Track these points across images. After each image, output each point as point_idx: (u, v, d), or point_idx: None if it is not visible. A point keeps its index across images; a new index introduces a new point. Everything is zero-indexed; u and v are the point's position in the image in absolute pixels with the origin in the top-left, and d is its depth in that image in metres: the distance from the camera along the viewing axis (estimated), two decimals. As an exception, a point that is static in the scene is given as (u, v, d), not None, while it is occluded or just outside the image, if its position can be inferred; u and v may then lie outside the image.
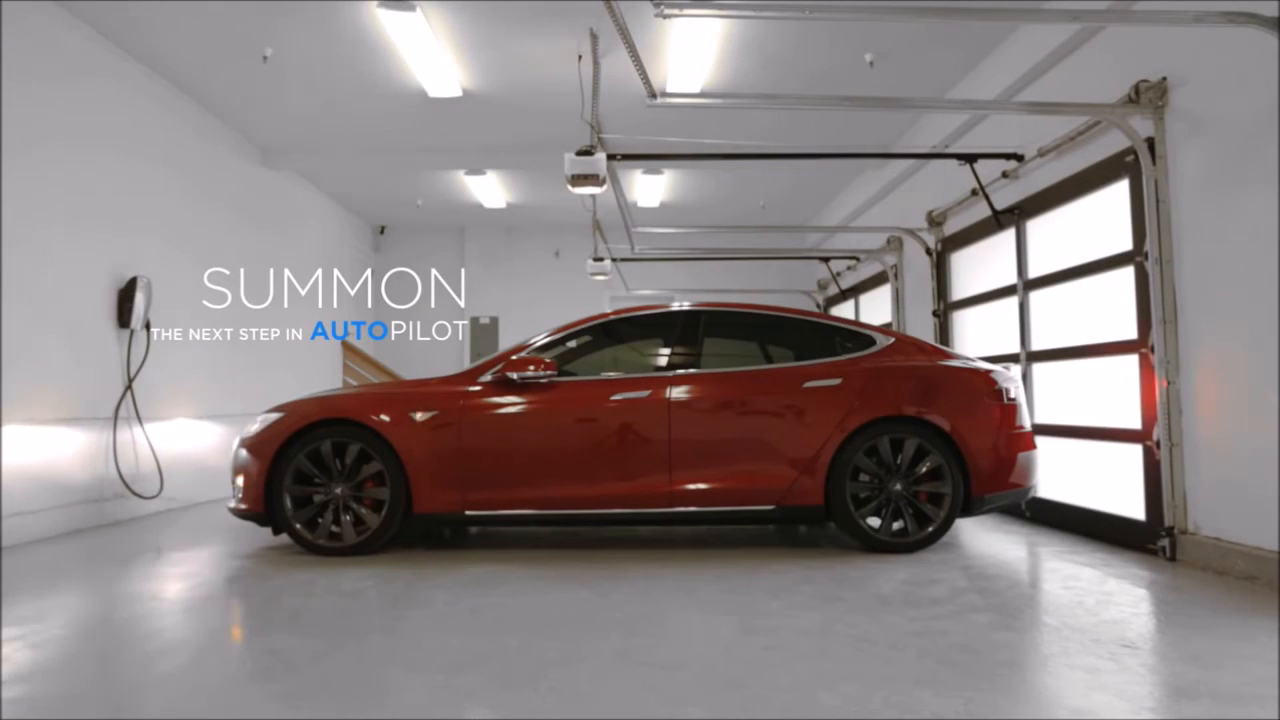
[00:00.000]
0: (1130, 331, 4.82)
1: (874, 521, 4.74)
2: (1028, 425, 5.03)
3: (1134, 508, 4.78)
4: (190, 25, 6.08)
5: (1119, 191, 4.98)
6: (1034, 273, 6.09)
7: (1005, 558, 4.70)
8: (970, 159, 6.19)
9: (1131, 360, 4.82)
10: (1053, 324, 5.93)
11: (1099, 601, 3.60)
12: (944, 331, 7.70)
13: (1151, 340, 4.54)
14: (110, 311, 6.30)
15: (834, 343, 5.11)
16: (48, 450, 5.58)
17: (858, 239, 9.98)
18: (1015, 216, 6.18)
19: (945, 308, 7.68)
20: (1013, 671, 2.70)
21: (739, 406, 4.85)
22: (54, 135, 5.75)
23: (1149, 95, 4.49)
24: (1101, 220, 5.21)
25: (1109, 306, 5.12)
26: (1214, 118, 4.17)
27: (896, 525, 4.72)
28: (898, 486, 4.70)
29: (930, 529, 4.69)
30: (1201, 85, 4.26)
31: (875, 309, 10.22)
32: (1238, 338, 4.03)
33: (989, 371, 5.01)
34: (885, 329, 5.35)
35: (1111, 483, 5.07)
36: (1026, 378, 6.16)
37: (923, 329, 8.14)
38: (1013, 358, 6.39)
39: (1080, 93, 5.12)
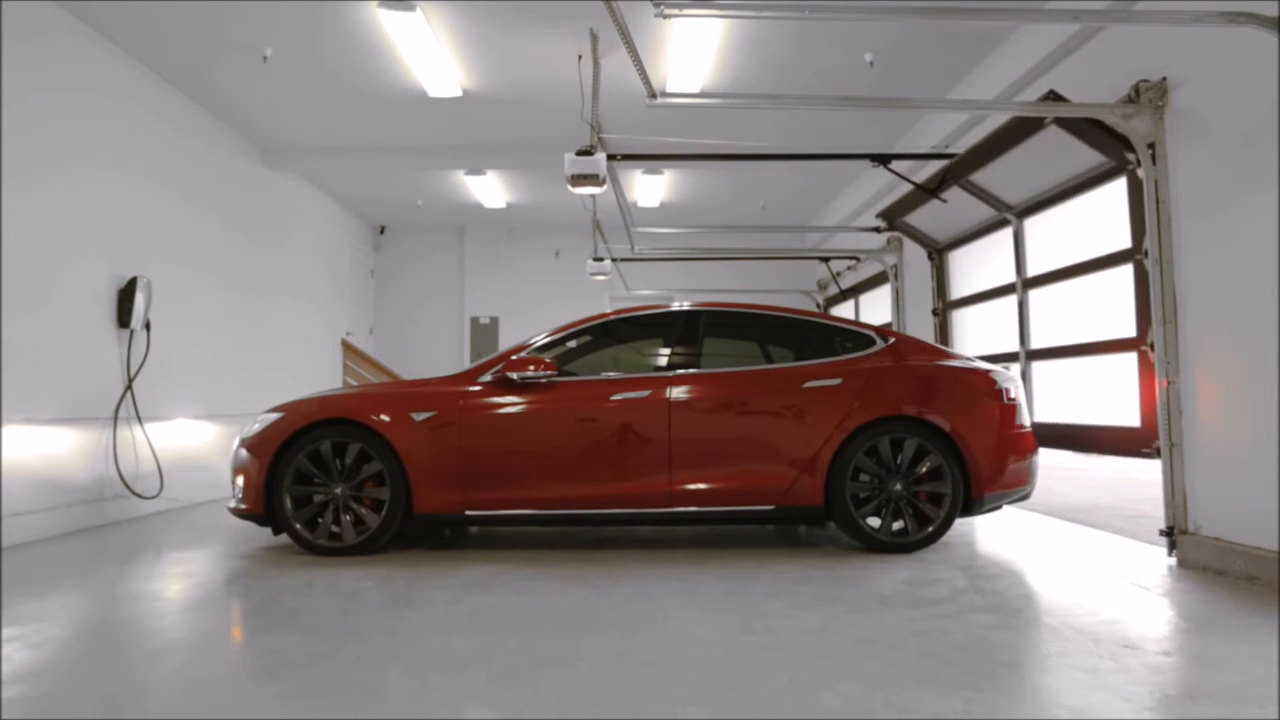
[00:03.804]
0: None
1: (874, 521, 4.75)
2: (1028, 425, 5.04)
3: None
4: (190, 25, 6.08)
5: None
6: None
7: (1005, 557, 4.70)
8: (884, 161, 6.37)
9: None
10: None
11: (1099, 601, 3.60)
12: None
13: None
14: (110, 311, 6.30)
15: (834, 343, 5.11)
16: (48, 450, 5.58)
17: (858, 239, 9.99)
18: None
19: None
20: (1013, 671, 2.70)
21: (739, 406, 4.85)
22: (54, 137, 5.75)
23: (1149, 95, 4.49)
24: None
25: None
26: (1214, 117, 4.17)
27: (896, 525, 4.72)
28: (898, 486, 4.70)
29: (930, 529, 4.69)
30: (1201, 85, 4.26)
31: (875, 309, 10.23)
32: (1238, 337, 4.03)
33: (988, 371, 5.02)
34: (885, 329, 5.35)
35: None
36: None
37: (923, 328, 8.15)
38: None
39: (1080, 93, 5.12)
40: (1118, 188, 5.02)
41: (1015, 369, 6.09)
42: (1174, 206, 4.44)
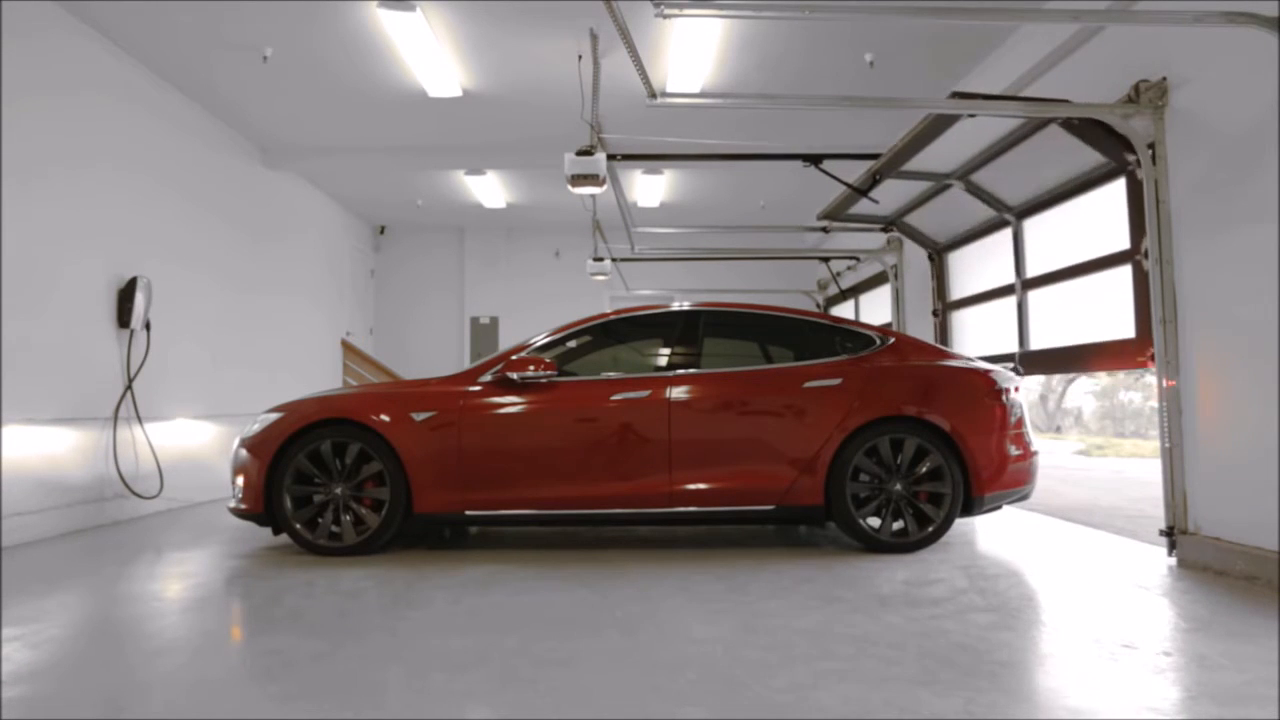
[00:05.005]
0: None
1: (874, 521, 4.75)
2: (1028, 428, 5.04)
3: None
4: (190, 25, 6.08)
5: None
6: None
7: (1005, 557, 4.70)
8: (815, 161, 6.56)
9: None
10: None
11: (1099, 601, 3.60)
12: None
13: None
14: (110, 311, 6.30)
15: (834, 343, 5.11)
16: (48, 450, 5.58)
17: (857, 239, 9.98)
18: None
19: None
20: (1012, 671, 2.70)
21: (739, 406, 4.85)
22: (53, 137, 5.75)
23: (1149, 95, 4.49)
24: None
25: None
26: (1214, 118, 4.17)
27: (896, 525, 4.72)
28: (898, 487, 4.70)
29: (930, 529, 4.69)
30: (1202, 85, 4.26)
31: (875, 309, 10.23)
32: (1238, 337, 4.03)
33: (988, 371, 5.02)
34: (885, 329, 5.35)
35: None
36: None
37: (922, 323, 8.14)
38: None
39: (1080, 92, 5.12)
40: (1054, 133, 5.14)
41: (1013, 298, 6.24)
42: (1174, 206, 4.44)
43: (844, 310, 11.46)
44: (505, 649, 2.93)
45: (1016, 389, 5.06)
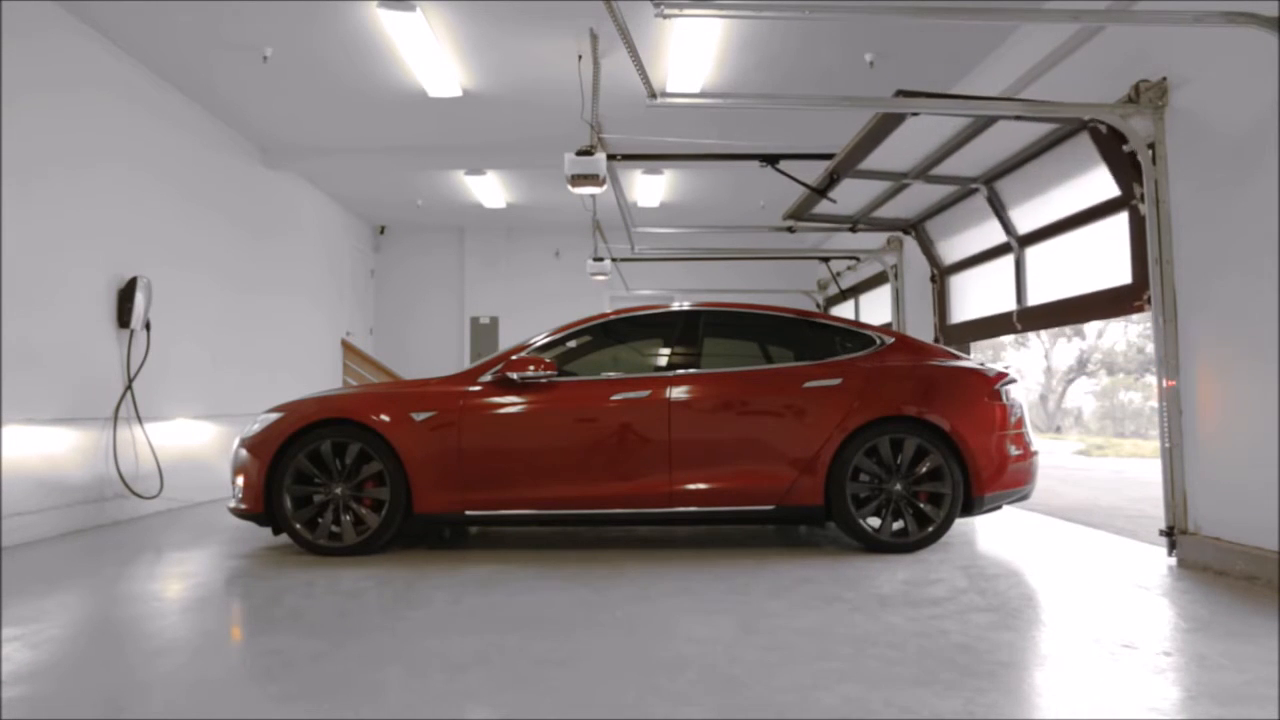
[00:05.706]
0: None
1: (874, 521, 4.75)
2: (1028, 428, 5.04)
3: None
4: (189, 24, 6.08)
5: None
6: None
7: (1005, 557, 4.70)
8: (772, 161, 6.56)
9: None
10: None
11: (1099, 601, 3.60)
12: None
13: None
14: (110, 311, 6.30)
15: (834, 343, 5.11)
16: (48, 450, 5.58)
17: (858, 239, 9.98)
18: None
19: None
20: (1012, 671, 2.70)
21: (739, 406, 4.85)
22: (54, 137, 5.75)
23: (1149, 95, 4.49)
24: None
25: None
26: (1214, 117, 4.17)
27: (896, 525, 4.72)
28: (898, 487, 4.71)
29: (930, 529, 4.70)
30: (1202, 85, 4.26)
31: (875, 309, 10.23)
32: (1238, 337, 4.03)
33: (988, 371, 5.02)
34: (885, 329, 5.35)
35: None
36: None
37: (922, 321, 8.14)
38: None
39: (1080, 93, 5.12)
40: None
41: (1010, 259, 6.24)
42: (1174, 206, 4.44)
43: (844, 310, 11.46)
44: (505, 649, 2.93)
45: (1014, 382, 5.06)
